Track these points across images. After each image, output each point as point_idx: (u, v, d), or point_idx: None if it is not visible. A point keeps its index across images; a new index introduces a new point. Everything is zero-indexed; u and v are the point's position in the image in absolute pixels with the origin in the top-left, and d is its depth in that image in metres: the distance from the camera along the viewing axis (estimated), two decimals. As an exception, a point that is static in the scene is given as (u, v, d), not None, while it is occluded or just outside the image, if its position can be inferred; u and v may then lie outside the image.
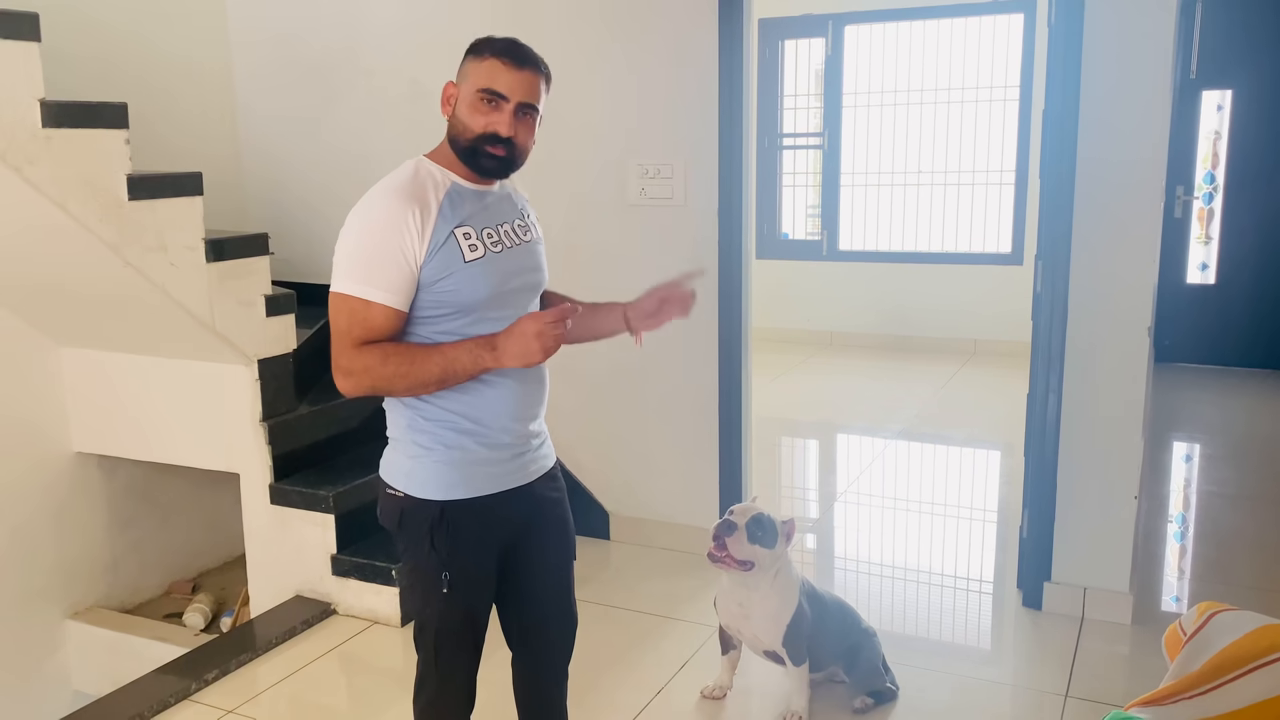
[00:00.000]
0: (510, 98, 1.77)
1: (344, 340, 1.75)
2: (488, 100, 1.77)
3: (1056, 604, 3.15)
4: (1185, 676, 1.70)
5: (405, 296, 1.75)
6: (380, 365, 1.73)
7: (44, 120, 2.58)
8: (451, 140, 1.82)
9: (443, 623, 1.90)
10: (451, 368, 1.75)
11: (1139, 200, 2.89)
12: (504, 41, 1.79)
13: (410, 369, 1.73)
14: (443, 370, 1.74)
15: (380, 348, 1.74)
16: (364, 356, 1.73)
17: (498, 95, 1.76)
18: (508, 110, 1.77)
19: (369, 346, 1.74)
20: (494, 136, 1.77)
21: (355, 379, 1.75)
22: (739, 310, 3.48)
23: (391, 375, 1.73)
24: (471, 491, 1.85)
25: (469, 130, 1.78)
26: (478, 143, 1.78)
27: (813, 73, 7.20)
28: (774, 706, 2.70)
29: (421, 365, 1.74)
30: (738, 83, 3.34)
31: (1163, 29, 2.81)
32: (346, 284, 1.74)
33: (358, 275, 1.73)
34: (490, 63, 1.77)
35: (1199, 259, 6.20)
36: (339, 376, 1.77)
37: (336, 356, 1.76)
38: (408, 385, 1.75)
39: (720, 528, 2.47)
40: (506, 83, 1.76)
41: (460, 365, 1.75)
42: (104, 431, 3.50)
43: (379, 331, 1.75)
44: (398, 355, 1.74)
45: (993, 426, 5.29)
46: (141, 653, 3.37)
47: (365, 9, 3.90)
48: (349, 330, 1.74)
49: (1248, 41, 5.85)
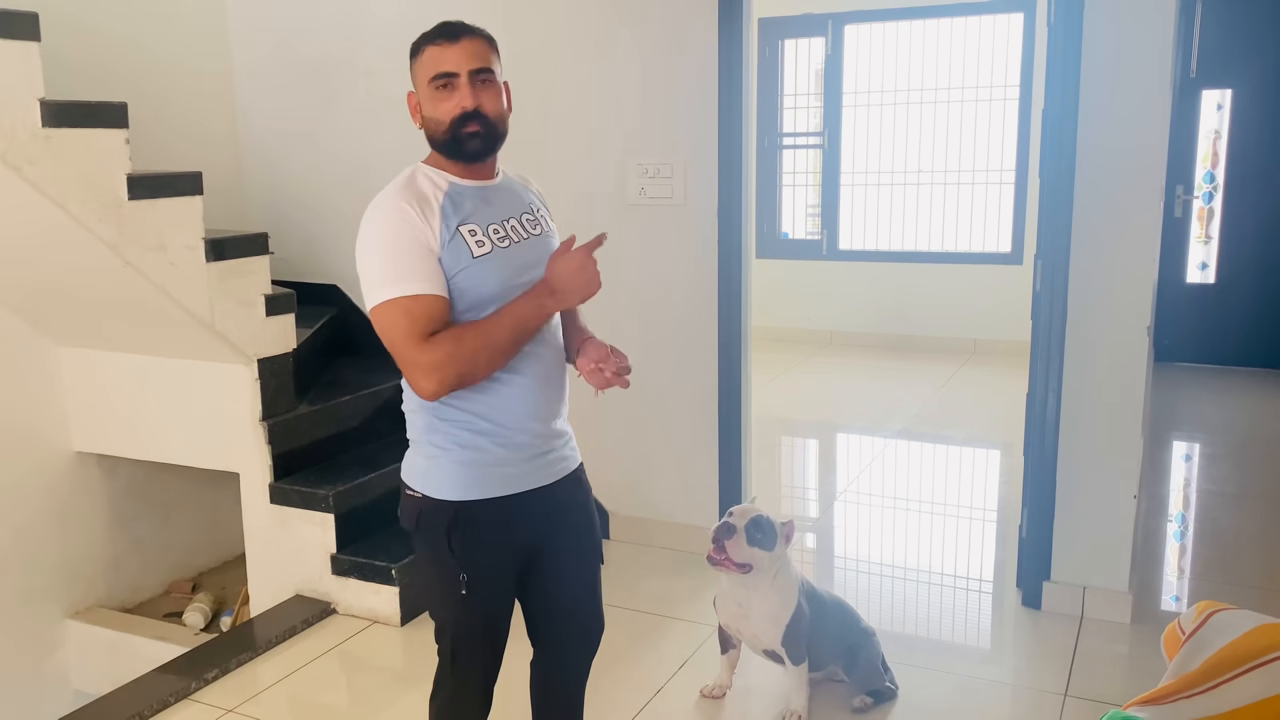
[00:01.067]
0: (459, 70, 1.76)
1: (410, 340, 1.70)
2: (441, 86, 1.77)
3: (1056, 603, 3.15)
4: (1184, 675, 1.70)
5: (442, 283, 1.73)
6: (458, 345, 1.70)
7: (44, 120, 2.58)
8: (432, 143, 1.83)
9: (460, 625, 1.88)
10: (520, 322, 1.75)
11: (1139, 199, 2.89)
12: (434, 27, 1.79)
13: (486, 339, 1.72)
14: (514, 326, 1.74)
15: (450, 332, 1.72)
16: (440, 345, 1.70)
17: (447, 75, 1.76)
18: (463, 84, 1.76)
19: (438, 336, 1.71)
20: (463, 116, 1.77)
21: (440, 372, 1.70)
22: (739, 309, 3.48)
23: (473, 351, 1.71)
24: (488, 492, 1.83)
25: (440, 123, 1.78)
26: (453, 130, 1.78)
27: (813, 72, 7.20)
28: (773, 706, 2.70)
29: (494, 330, 1.73)
30: (737, 82, 3.34)
31: (1162, 28, 2.81)
32: (388, 291, 1.71)
33: (394, 278, 1.71)
34: (428, 51, 1.77)
35: (1199, 258, 6.20)
36: (421, 378, 1.71)
37: (413, 359, 1.70)
38: (489, 356, 1.73)
39: (719, 531, 2.47)
40: (450, 59, 1.76)
41: (526, 316, 1.75)
42: (104, 431, 3.50)
43: (439, 320, 1.72)
44: (469, 331, 1.72)
45: (992, 425, 5.29)
46: (141, 652, 3.37)
47: (364, 10, 3.90)
48: (412, 330, 1.70)
49: (1248, 41, 5.85)
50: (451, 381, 1.71)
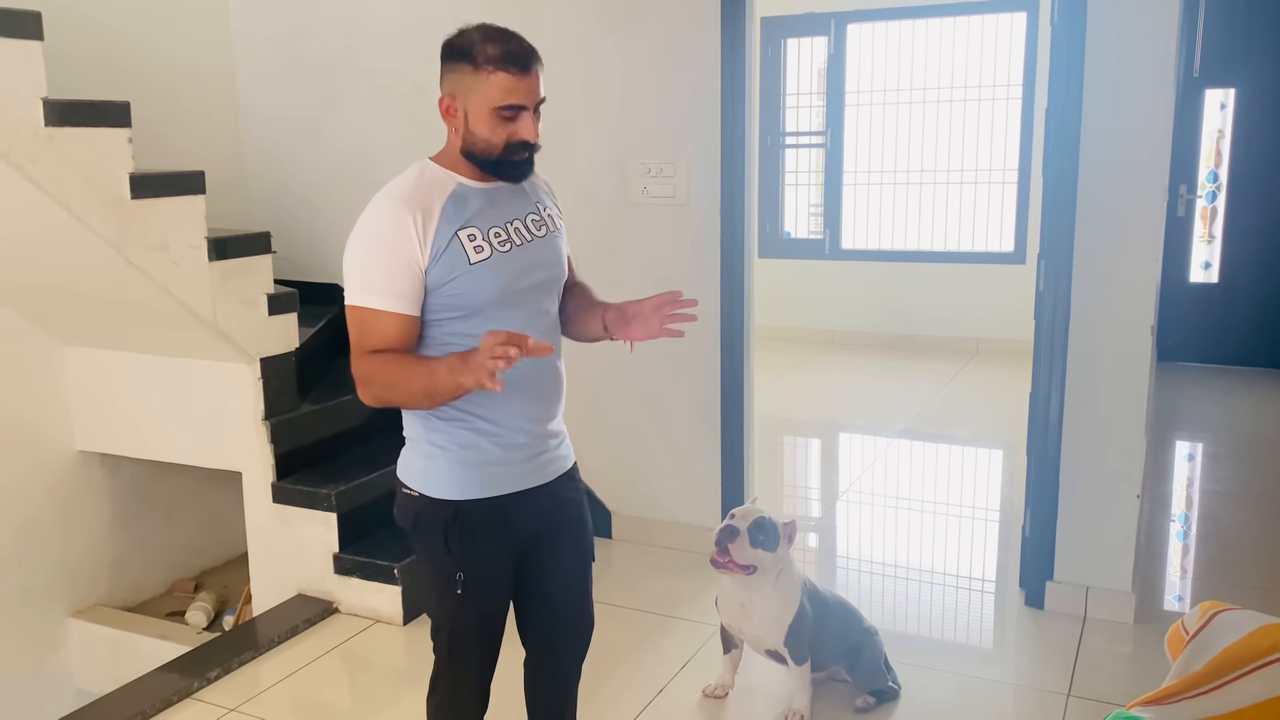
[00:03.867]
0: (529, 105, 1.76)
1: (357, 350, 1.76)
2: (508, 116, 1.74)
3: (1059, 603, 3.15)
4: (1188, 676, 1.69)
5: (412, 302, 1.74)
6: (377, 373, 1.73)
7: (47, 119, 2.58)
8: (468, 153, 1.79)
9: (456, 623, 1.90)
10: (431, 378, 1.67)
11: (1142, 199, 2.89)
12: (500, 48, 1.72)
13: (399, 378, 1.72)
14: (426, 379, 1.68)
15: (378, 357, 1.74)
16: (367, 365, 1.74)
17: (517, 108, 1.74)
18: (528, 117, 1.76)
19: (372, 355, 1.74)
20: (522, 145, 1.77)
21: (364, 388, 1.76)
22: (741, 309, 3.48)
23: (387, 383, 1.73)
24: (486, 491, 1.84)
25: (492, 146, 1.76)
26: (504, 155, 1.77)
27: (815, 71, 7.19)
28: (776, 706, 2.70)
29: (409, 374, 1.71)
30: (740, 81, 3.34)
31: (1165, 27, 2.81)
32: (356, 295, 1.75)
33: (364, 285, 1.74)
34: (498, 77, 1.71)
35: (1202, 258, 6.19)
36: (357, 386, 1.78)
37: (353, 365, 1.77)
38: (401, 396, 1.75)
39: (722, 534, 2.46)
40: (522, 92, 1.73)
41: (439, 380, 1.65)
42: (106, 430, 3.50)
43: (389, 339, 1.74)
44: (391, 365, 1.72)
45: (995, 425, 5.28)
46: (144, 651, 3.37)
47: (367, 9, 3.90)
48: (360, 340, 1.75)
49: (1251, 40, 5.84)
50: (370, 399, 1.77)
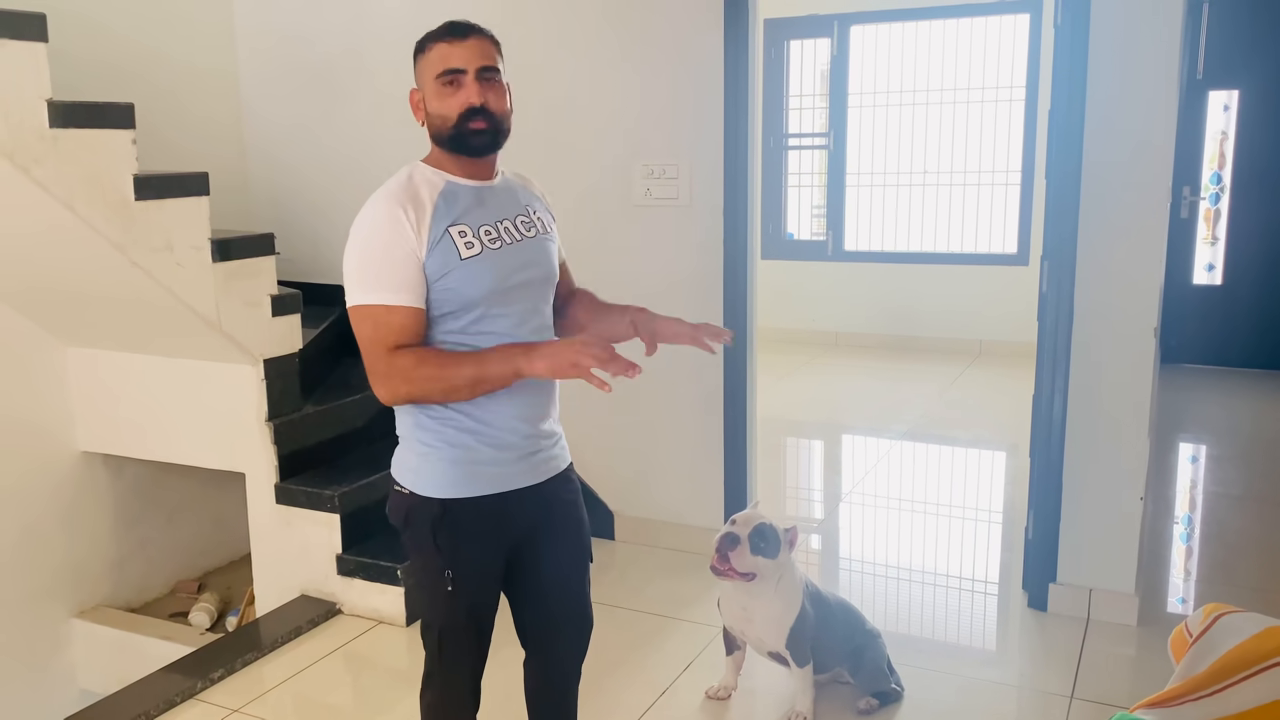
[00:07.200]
0: (467, 68, 1.79)
1: (376, 349, 1.75)
2: (448, 82, 1.79)
3: (1062, 605, 3.15)
4: (1191, 678, 1.70)
5: (421, 294, 1.76)
6: (415, 368, 1.73)
7: (51, 120, 2.59)
8: (435, 139, 1.84)
9: (447, 620, 1.91)
10: (483, 370, 1.73)
11: (1145, 201, 2.89)
12: (441, 26, 1.81)
13: (443, 372, 1.73)
14: (475, 372, 1.73)
15: (415, 351, 1.75)
16: (400, 360, 1.74)
17: (454, 71, 1.78)
18: (469, 81, 1.79)
19: (403, 350, 1.74)
20: (469, 111, 1.78)
21: (393, 385, 1.75)
22: (744, 310, 3.48)
23: (426, 379, 1.73)
24: (476, 490, 1.85)
25: (446, 119, 1.80)
26: (459, 125, 1.79)
27: (818, 73, 7.20)
28: (779, 707, 2.70)
29: (455, 368, 1.74)
30: (743, 83, 3.34)
31: (1169, 29, 2.81)
32: (363, 295, 1.76)
33: (371, 283, 1.75)
34: (436, 48, 1.79)
35: (1205, 260, 6.19)
36: (377, 385, 1.77)
37: (373, 365, 1.76)
38: (443, 389, 1.75)
39: (723, 541, 2.46)
40: (458, 57, 1.78)
41: (491, 366, 1.73)
42: (110, 431, 3.51)
43: (407, 333, 1.75)
44: (433, 359, 1.74)
45: (998, 427, 5.28)
46: (147, 651, 3.37)
47: (370, 12, 3.90)
48: (378, 338, 1.75)
49: (1254, 42, 5.83)
50: (402, 397, 1.77)
